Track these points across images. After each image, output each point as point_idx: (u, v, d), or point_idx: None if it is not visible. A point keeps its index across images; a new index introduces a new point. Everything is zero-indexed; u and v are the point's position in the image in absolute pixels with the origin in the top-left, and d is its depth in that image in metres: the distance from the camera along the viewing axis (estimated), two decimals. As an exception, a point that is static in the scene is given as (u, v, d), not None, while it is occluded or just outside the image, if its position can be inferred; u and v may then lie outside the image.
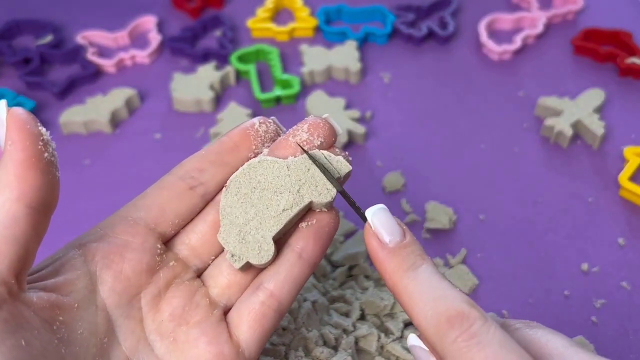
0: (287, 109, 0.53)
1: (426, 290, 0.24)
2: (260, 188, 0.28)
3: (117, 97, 0.52)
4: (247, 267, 0.28)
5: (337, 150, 0.30)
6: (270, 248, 0.27)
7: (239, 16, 0.62)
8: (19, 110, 0.22)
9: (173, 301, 0.27)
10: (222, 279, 0.28)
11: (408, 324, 0.38)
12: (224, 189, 0.28)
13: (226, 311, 0.28)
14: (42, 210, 0.23)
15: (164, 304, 0.27)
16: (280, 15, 0.62)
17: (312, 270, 0.29)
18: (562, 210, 0.45)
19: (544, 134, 0.50)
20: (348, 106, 0.52)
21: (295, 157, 0.29)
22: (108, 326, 0.25)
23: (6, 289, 0.22)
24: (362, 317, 0.38)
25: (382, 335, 0.37)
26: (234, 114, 0.50)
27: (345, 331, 0.37)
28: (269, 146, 0.30)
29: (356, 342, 0.36)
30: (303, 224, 0.29)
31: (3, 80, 0.56)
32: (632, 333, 0.38)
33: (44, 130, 0.23)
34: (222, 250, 0.29)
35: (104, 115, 0.51)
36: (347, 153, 0.30)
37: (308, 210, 0.29)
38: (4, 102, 0.23)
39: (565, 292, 0.40)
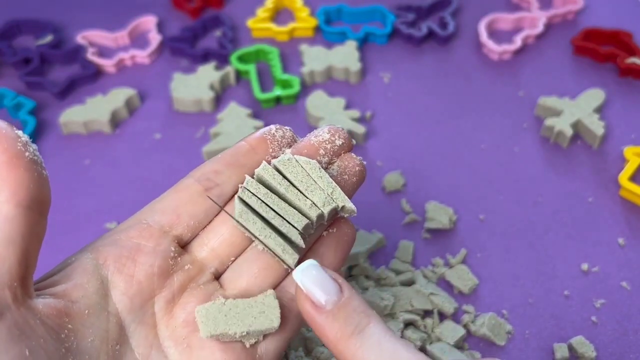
0: (287, 109, 0.53)
1: (378, 358, 0.22)
2: (286, 185, 0.27)
3: (117, 97, 0.52)
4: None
5: (353, 155, 0.30)
6: (300, 243, 0.26)
7: (239, 16, 0.62)
8: None
9: (187, 306, 0.26)
10: (241, 282, 0.27)
11: (408, 324, 0.38)
12: (240, 191, 0.27)
13: None
14: (36, 209, 0.22)
15: (178, 309, 0.26)
16: (280, 15, 0.62)
17: None
18: (562, 210, 0.45)
19: (544, 134, 0.50)
20: (348, 106, 0.52)
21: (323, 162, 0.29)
22: (120, 332, 0.25)
23: (11, 293, 0.21)
24: (362, 317, 0.38)
25: (382, 335, 0.37)
26: (234, 114, 0.50)
27: (345, 331, 0.37)
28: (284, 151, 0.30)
29: (356, 342, 0.36)
30: (324, 232, 0.29)
31: (3, 80, 0.56)
32: (632, 333, 0.38)
33: (21, 133, 0.23)
34: (241, 251, 0.28)
35: (104, 115, 0.51)
36: (361, 158, 0.30)
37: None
38: None
39: (565, 292, 0.40)
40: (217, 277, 0.28)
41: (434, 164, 0.48)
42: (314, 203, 0.27)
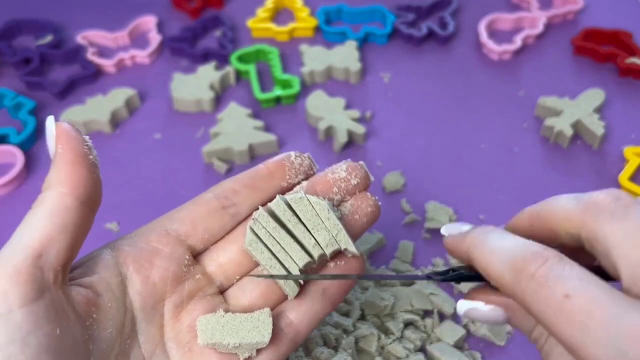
0: (287, 109, 0.53)
1: (502, 244, 0.25)
2: (294, 222, 0.28)
3: (117, 97, 0.52)
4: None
5: (369, 195, 0.31)
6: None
7: (239, 16, 0.62)
8: (64, 124, 0.25)
9: (193, 313, 0.28)
10: (244, 300, 0.29)
11: (408, 324, 0.38)
12: (252, 221, 0.28)
13: None
14: (89, 205, 0.25)
15: (184, 314, 0.28)
16: (280, 15, 0.62)
17: (333, 309, 0.30)
18: (562, 210, 0.44)
19: (544, 134, 0.50)
20: (348, 106, 0.52)
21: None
22: (132, 328, 0.27)
23: (53, 276, 0.23)
24: (362, 317, 0.38)
25: (382, 335, 0.37)
26: (234, 114, 0.50)
27: (345, 331, 0.37)
28: (302, 179, 0.31)
29: (356, 342, 0.36)
30: (331, 264, 0.30)
31: (3, 80, 0.56)
32: (632, 333, 0.38)
33: (87, 137, 0.26)
34: (248, 271, 0.30)
35: (104, 115, 0.51)
36: (377, 198, 0.31)
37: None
38: (52, 117, 0.26)
39: (565, 292, 0.40)
40: (222, 291, 0.30)
41: (434, 164, 0.48)
42: (317, 242, 0.28)
